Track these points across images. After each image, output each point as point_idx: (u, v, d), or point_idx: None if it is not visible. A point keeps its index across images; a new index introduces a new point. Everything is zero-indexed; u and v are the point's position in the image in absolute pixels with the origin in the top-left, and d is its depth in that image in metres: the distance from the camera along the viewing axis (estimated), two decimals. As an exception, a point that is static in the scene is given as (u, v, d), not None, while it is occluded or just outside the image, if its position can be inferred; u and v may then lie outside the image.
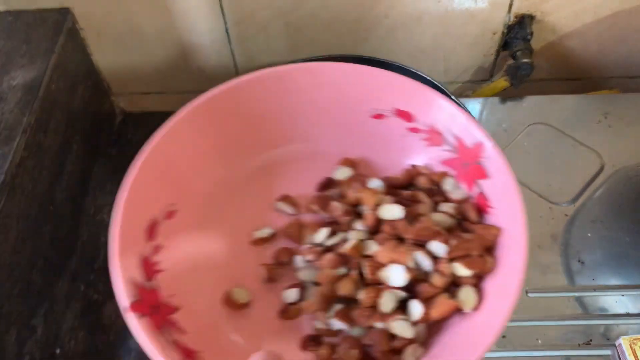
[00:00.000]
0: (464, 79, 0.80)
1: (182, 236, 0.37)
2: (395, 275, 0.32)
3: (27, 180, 0.59)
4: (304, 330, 0.36)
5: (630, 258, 0.57)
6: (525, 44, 0.71)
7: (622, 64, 0.77)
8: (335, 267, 0.35)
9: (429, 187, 0.37)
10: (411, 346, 0.32)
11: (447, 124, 0.37)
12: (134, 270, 0.33)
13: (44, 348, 0.61)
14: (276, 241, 0.39)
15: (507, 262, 0.32)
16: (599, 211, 0.61)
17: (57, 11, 0.70)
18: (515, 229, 0.32)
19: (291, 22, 0.72)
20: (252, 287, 0.37)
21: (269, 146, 0.41)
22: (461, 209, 0.36)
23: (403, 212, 0.34)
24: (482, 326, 0.30)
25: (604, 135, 0.68)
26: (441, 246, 0.33)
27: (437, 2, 0.69)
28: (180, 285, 0.35)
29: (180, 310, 0.34)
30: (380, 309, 0.33)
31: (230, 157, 0.40)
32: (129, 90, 0.83)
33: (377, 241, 0.35)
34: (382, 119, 0.40)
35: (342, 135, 0.41)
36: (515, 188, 0.33)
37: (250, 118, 0.40)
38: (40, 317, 0.61)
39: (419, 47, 0.75)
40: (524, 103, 0.73)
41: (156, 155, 0.36)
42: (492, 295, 0.32)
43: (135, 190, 0.35)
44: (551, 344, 0.52)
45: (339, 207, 0.37)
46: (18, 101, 0.61)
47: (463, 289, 0.32)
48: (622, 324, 0.53)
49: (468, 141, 0.36)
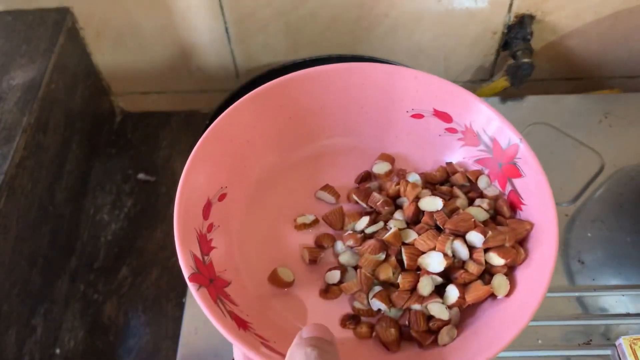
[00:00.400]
0: (464, 79, 0.80)
1: (232, 217, 0.40)
2: (434, 262, 0.35)
3: (27, 180, 0.59)
4: (344, 310, 0.38)
5: (631, 258, 0.57)
6: (526, 43, 0.71)
7: (622, 63, 0.77)
8: (375, 253, 0.37)
9: (464, 184, 0.40)
10: (446, 327, 0.34)
11: (483, 126, 0.40)
12: (192, 243, 0.35)
13: (44, 348, 0.61)
14: (318, 227, 0.41)
15: (538, 255, 0.34)
16: (599, 211, 0.61)
17: (56, 11, 0.70)
18: (547, 225, 0.35)
19: (291, 22, 0.72)
20: (295, 268, 0.39)
21: (313, 139, 0.44)
22: (495, 204, 0.38)
23: (442, 204, 0.37)
24: (513, 312, 0.33)
25: (604, 135, 0.68)
26: (478, 236, 0.35)
27: (437, 2, 0.69)
28: (230, 263, 0.38)
29: (231, 284, 0.36)
30: (418, 292, 0.35)
31: (277, 147, 0.43)
32: (128, 90, 0.83)
33: (416, 230, 0.37)
34: (421, 119, 0.42)
35: (381, 132, 0.44)
36: (547, 187, 0.36)
37: (298, 111, 0.43)
38: (39, 317, 0.61)
39: (419, 47, 0.75)
40: (524, 103, 0.73)
41: (215, 137, 0.39)
42: (523, 284, 0.34)
43: (194, 171, 0.38)
44: (551, 344, 0.52)
45: (379, 198, 0.40)
46: (17, 101, 0.61)
47: (496, 277, 0.35)
48: (622, 324, 0.53)
49: (503, 142, 0.39)
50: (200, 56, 0.76)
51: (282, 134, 0.43)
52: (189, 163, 0.38)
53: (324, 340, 0.28)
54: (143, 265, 0.69)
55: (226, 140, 0.40)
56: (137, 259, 0.69)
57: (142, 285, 0.67)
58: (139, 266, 0.69)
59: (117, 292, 0.67)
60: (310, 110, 0.43)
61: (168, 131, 0.80)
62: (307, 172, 0.44)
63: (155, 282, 0.67)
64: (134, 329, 0.63)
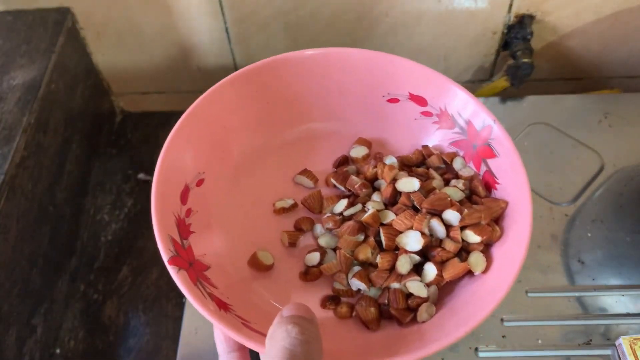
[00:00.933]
0: (464, 79, 0.80)
1: (210, 203, 0.40)
2: (411, 241, 0.36)
3: (27, 180, 0.59)
4: (324, 292, 0.39)
5: (631, 258, 0.57)
6: (526, 43, 0.71)
7: (622, 63, 0.77)
8: (354, 234, 0.38)
9: (439, 166, 0.41)
10: (425, 304, 0.35)
11: (458, 109, 0.40)
12: (171, 228, 0.36)
13: (44, 348, 0.61)
14: (297, 211, 0.42)
15: (514, 232, 0.35)
16: (599, 211, 0.61)
17: (57, 11, 0.70)
18: (521, 202, 0.35)
19: (291, 22, 0.72)
20: (275, 251, 0.40)
21: (292, 124, 0.45)
22: (470, 185, 0.39)
23: (419, 184, 0.38)
24: (490, 288, 0.33)
25: (604, 135, 0.68)
26: (454, 215, 0.36)
27: (437, 2, 0.69)
28: (210, 247, 0.38)
29: (211, 268, 0.37)
30: (397, 271, 0.36)
31: (256, 132, 0.43)
32: (128, 90, 0.83)
33: (393, 211, 0.38)
34: (397, 103, 0.43)
35: (359, 117, 0.45)
36: (521, 166, 0.36)
37: (276, 96, 0.43)
38: (40, 317, 0.61)
39: (419, 47, 0.75)
40: (524, 103, 0.73)
41: (192, 122, 0.40)
42: (499, 260, 0.35)
43: (172, 154, 0.38)
44: (551, 344, 0.52)
45: (357, 181, 0.41)
46: (17, 101, 0.61)
47: (473, 254, 0.36)
48: (622, 324, 0.53)
49: (477, 124, 0.39)
50: (201, 56, 0.76)
51: (260, 118, 0.43)
52: (165, 148, 0.38)
53: (305, 318, 0.29)
54: (143, 265, 0.69)
55: (203, 125, 0.40)
56: (137, 259, 0.69)
57: (142, 285, 0.67)
58: (139, 266, 0.69)
59: (117, 292, 0.67)
60: (288, 95, 0.43)
61: (168, 131, 0.79)
62: (285, 157, 0.44)
63: (155, 282, 0.67)
64: (134, 328, 0.63)
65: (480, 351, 0.52)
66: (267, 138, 0.44)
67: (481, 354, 0.52)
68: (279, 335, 0.27)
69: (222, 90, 0.41)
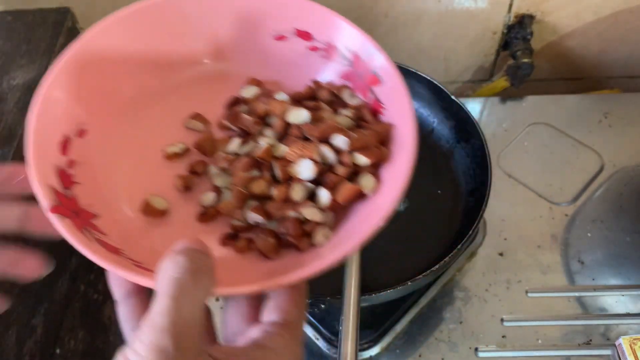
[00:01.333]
0: (464, 79, 0.80)
1: (95, 153, 0.39)
2: (304, 169, 0.37)
3: (26, 180, 0.59)
4: (223, 231, 0.39)
5: (630, 258, 0.57)
6: (525, 43, 0.71)
7: (622, 63, 0.77)
8: (248, 170, 0.38)
9: (329, 99, 0.42)
10: (321, 229, 0.36)
11: (343, 41, 0.42)
12: (50, 178, 0.35)
13: (44, 348, 0.61)
14: (190, 156, 0.41)
15: (399, 152, 0.37)
16: (599, 211, 0.61)
17: (57, 11, 0.70)
18: (406, 125, 0.37)
19: (291, 22, 0.72)
20: (170, 197, 0.39)
21: (180, 68, 0.44)
22: (359, 113, 0.41)
23: (309, 116, 0.39)
24: (379, 206, 0.35)
25: (604, 135, 0.68)
26: (343, 140, 0.37)
27: (437, 2, 0.69)
28: (98, 197, 0.37)
29: (100, 217, 0.36)
30: (292, 199, 0.37)
31: (142, 77, 0.42)
32: (129, 90, 0.83)
33: (286, 144, 0.39)
34: (285, 41, 0.43)
35: (248, 57, 0.45)
36: (404, 90, 0.38)
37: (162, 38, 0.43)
38: (40, 316, 0.61)
39: (419, 47, 0.75)
40: (524, 103, 0.73)
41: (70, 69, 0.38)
42: (387, 180, 0.37)
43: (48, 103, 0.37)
44: (551, 344, 0.52)
45: (249, 119, 0.41)
46: (17, 101, 0.61)
47: (363, 176, 0.37)
48: (622, 324, 0.53)
49: (362, 54, 0.41)
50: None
51: (146, 63, 0.42)
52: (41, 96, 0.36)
53: (195, 250, 0.28)
54: (143, 265, 0.69)
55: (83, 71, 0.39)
56: (137, 259, 0.69)
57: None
58: (139, 266, 0.69)
59: (117, 292, 0.67)
60: (174, 37, 0.43)
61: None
62: (175, 102, 0.43)
63: (155, 282, 0.67)
64: (134, 328, 0.63)
65: (480, 351, 0.52)
66: (155, 82, 0.43)
67: (481, 354, 0.52)
68: (168, 266, 0.27)
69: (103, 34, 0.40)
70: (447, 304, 0.56)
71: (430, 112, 0.65)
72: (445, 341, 0.54)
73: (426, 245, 0.55)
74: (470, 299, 0.56)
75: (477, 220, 0.51)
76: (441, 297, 0.57)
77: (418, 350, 0.53)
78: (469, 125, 0.59)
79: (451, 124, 0.63)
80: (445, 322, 0.55)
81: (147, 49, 0.42)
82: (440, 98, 0.63)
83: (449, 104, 0.62)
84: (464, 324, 0.54)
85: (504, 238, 0.60)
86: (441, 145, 0.63)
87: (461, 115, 0.60)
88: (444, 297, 0.57)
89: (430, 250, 0.54)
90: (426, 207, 0.58)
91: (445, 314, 0.55)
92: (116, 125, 0.41)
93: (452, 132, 0.63)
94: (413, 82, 0.65)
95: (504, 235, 0.60)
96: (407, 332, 0.54)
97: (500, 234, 0.60)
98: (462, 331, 0.54)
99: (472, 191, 0.58)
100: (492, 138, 0.65)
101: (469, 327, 0.54)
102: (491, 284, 0.57)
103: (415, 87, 0.65)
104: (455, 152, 0.62)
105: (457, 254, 0.49)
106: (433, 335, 0.54)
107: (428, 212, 0.58)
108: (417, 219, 0.57)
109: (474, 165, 0.59)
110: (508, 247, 0.59)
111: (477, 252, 0.59)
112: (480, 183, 0.56)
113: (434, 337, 0.54)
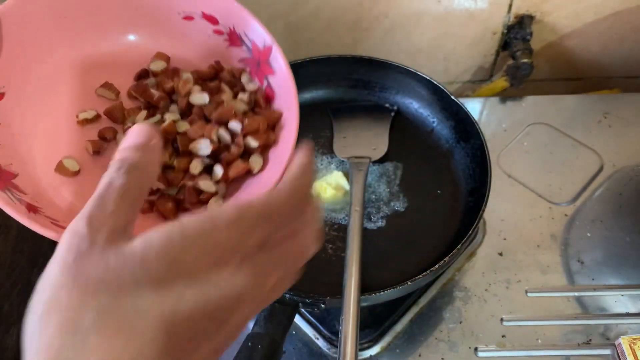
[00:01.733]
0: (464, 79, 0.80)
1: (13, 115, 0.43)
2: (203, 147, 0.42)
3: (27, 180, 0.59)
4: None
5: (630, 258, 0.57)
6: (525, 44, 0.71)
7: (622, 63, 0.77)
8: None
9: (230, 80, 0.47)
10: (214, 198, 0.42)
11: (244, 29, 0.46)
12: None
13: (44, 348, 0.61)
14: (100, 122, 0.45)
15: (284, 137, 0.42)
16: (599, 211, 0.61)
17: None
18: (291, 112, 0.42)
19: (291, 22, 0.72)
20: (82, 160, 0.43)
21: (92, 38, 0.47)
22: (254, 98, 0.46)
23: (208, 98, 0.44)
24: (264, 182, 0.41)
25: (604, 135, 0.68)
26: (237, 124, 0.43)
27: (437, 2, 0.69)
28: (15, 157, 0.41)
29: (18, 176, 0.40)
30: (190, 172, 0.42)
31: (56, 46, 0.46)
32: (129, 90, 0.83)
33: (188, 122, 0.44)
34: (192, 21, 0.47)
35: (157, 32, 0.49)
36: (291, 82, 0.43)
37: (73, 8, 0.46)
38: (40, 317, 0.61)
39: (419, 47, 0.75)
40: (524, 103, 0.73)
41: None
42: (272, 160, 0.42)
43: None
44: (551, 344, 0.52)
45: (156, 93, 0.46)
46: (18, 101, 0.61)
47: (253, 156, 0.43)
48: (622, 324, 0.53)
49: (259, 44, 0.46)
50: (201, 56, 0.76)
51: (62, 33, 0.46)
52: None
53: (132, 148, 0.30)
54: (143, 265, 0.69)
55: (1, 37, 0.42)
56: (138, 259, 0.69)
57: (143, 285, 0.67)
58: (139, 266, 0.69)
59: (117, 292, 0.67)
60: (84, 8, 0.46)
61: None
62: (87, 71, 0.47)
63: (155, 282, 0.67)
64: (134, 328, 0.63)
65: (480, 351, 0.52)
66: (72, 53, 0.47)
67: (481, 354, 0.52)
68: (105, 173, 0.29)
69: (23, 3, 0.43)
70: (447, 303, 0.56)
71: (430, 112, 0.65)
72: (445, 341, 0.54)
73: (426, 245, 0.55)
74: (470, 298, 0.56)
75: (476, 220, 0.51)
76: (441, 296, 0.57)
77: (418, 349, 0.54)
78: (468, 126, 0.59)
79: (451, 124, 0.63)
80: (445, 322, 0.55)
81: (65, 21, 0.46)
82: (440, 98, 0.63)
83: (448, 104, 0.62)
84: (463, 323, 0.55)
85: (504, 238, 0.60)
86: (441, 145, 0.63)
87: (461, 115, 0.60)
88: (444, 297, 0.57)
89: (430, 250, 0.54)
90: (426, 207, 0.58)
91: (445, 313, 0.56)
92: (33, 91, 0.44)
93: (452, 132, 0.63)
94: (413, 82, 0.65)
95: (503, 235, 0.60)
96: (407, 331, 0.55)
97: (499, 234, 0.60)
98: (462, 331, 0.54)
99: (471, 191, 0.58)
100: (491, 138, 0.65)
101: (468, 327, 0.54)
102: (491, 283, 0.57)
103: (415, 87, 0.65)
104: (455, 152, 0.62)
105: (456, 253, 0.49)
106: (433, 334, 0.54)
107: (428, 212, 0.58)
108: (417, 219, 0.57)
109: (474, 165, 0.59)
110: (508, 247, 0.59)
111: (476, 252, 0.60)
112: (480, 183, 0.56)
113: (433, 336, 0.54)
